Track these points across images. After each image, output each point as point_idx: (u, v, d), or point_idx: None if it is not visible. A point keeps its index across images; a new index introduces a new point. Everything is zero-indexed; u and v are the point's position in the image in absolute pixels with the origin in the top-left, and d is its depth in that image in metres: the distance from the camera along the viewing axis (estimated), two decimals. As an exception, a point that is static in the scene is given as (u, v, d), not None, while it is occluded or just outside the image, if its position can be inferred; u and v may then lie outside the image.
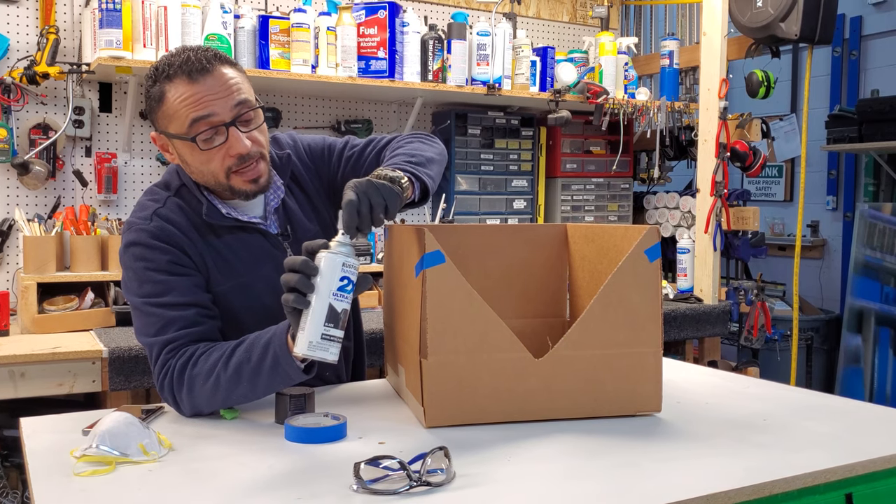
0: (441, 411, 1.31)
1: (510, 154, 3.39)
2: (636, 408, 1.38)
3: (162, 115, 1.42)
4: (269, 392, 1.36)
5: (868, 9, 4.59)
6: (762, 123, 3.31)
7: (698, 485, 1.06)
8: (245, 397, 1.36)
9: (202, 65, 1.39)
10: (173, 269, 1.43)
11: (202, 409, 1.39)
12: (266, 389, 1.35)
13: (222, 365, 1.34)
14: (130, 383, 2.12)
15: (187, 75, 1.38)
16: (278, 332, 1.30)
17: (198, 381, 1.35)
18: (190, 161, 1.44)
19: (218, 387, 1.34)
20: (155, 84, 1.41)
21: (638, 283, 1.36)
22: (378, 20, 2.82)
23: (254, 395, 1.36)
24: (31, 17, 2.67)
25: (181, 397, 1.38)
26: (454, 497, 1.02)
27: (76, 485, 1.06)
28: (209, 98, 1.38)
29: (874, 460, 1.18)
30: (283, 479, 1.08)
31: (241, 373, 1.32)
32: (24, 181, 2.63)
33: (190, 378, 1.36)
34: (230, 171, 1.43)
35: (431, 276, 1.28)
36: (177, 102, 1.39)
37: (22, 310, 2.36)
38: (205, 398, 1.36)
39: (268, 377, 1.31)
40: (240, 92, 1.41)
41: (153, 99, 1.43)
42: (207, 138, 1.39)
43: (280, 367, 1.29)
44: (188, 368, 1.36)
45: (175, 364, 1.37)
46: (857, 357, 4.22)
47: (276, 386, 1.34)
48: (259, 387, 1.34)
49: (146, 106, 1.47)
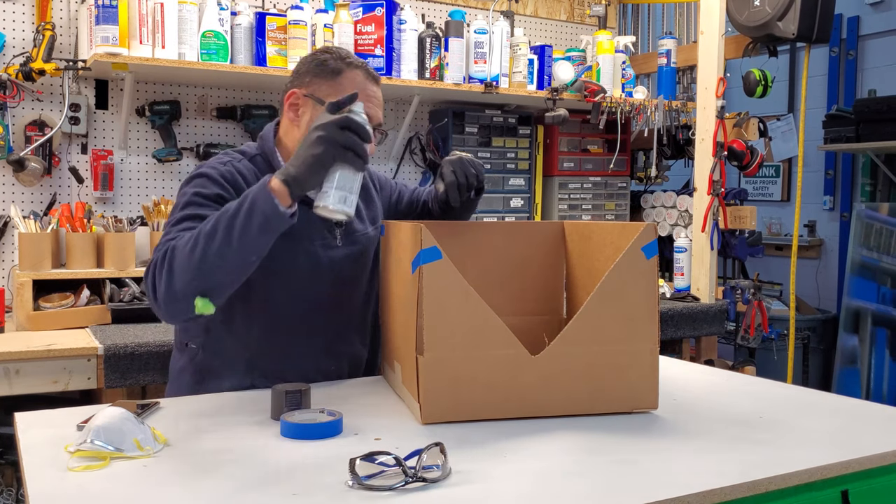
0: (437, 408, 1.30)
1: (507, 152, 3.39)
2: (633, 405, 1.38)
3: (328, 85, 1.59)
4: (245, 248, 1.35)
5: (865, 9, 4.59)
6: (759, 123, 3.31)
7: (695, 481, 1.06)
8: (221, 255, 1.35)
9: (375, 77, 1.65)
10: (220, 202, 1.51)
11: (177, 283, 1.37)
12: (241, 240, 1.34)
13: (202, 226, 1.39)
14: (126, 381, 2.12)
15: (366, 73, 1.62)
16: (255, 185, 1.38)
17: (178, 250, 1.39)
18: None
19: (196, 246, 1.36)
20: (335, 60, 1.61)
21: (635, 279, 1.35)
22: (375, 17, 2.82)
23: (228, 250, 1.35)
24: (27, 13, 2.66)
25: (160, 276, 1.39)
26: (450, 493, 1.02)
27: (70, 480, 1.06)
28: (374, 101, 1.62)
29: (870, 457, 1.18)
30: (279, 475, 1.08)
31: (219, 223, 1.36)
32: (19, 178, 2.62)
33: (172, 250, 1.40)
34: None
35: (428, 272, 1.28)
36: (352, 85, 1.58)
37: (17, 307, 2.36)
38: (181, 265, 1.36)
39: (244, 220, 1.34)
40: (381, 112, 1.66)
41: (327, 69, 1.60)
42: None
43: (258, 207, 1.34)
44: (174, 243, 1.41)
45: (164, 248, 1.42)
46: (853, 357, 4.22)
47: (252, 236, 1.34)
48: (234, 236, 1.34)
49: (306, 68, 1.63)
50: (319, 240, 1.63)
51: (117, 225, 2.52)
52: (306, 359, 1.63)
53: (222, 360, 1.62)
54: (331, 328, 1.66)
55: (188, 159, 2.92)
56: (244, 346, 1.61)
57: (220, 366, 1.62)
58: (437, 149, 3.30)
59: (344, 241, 1.67)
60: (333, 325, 1.67)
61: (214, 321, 1.58)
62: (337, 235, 1.66)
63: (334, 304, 1.67)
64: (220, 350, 1.62)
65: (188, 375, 1.65)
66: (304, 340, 1.63)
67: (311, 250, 1.62)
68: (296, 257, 1.59)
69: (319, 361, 1.64)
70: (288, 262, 1.57)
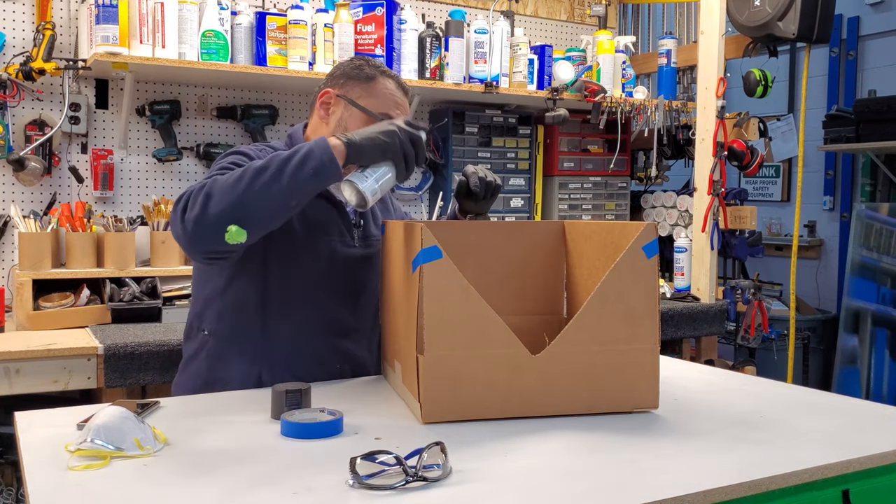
0: (437, 407, 1.30)
1: (507, 152, 3.39)
2: (633, 404, 1.38)
3: (362, 88, 1.67)
4: (293, 186, 1.38)
5: (865, 9, 4.59)
6: (759, 123, 3.31)
7: (695, 481, 1.05)
8: (266, 188, 1.37)
9: (406, 88, 1.74)
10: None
11: (213, 208, 1.37)
12: (292, 178, 1.37)
13: (251, 163, 1.42)
14: (126, 380, 2.12)
15: (397, 84, 1.71)
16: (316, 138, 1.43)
17: (220, 181, 1.40)
18: (351, 129, 1.62)
19: (242, 177, 1.38)
20: (370, 68, 1.70)
21: (635, 279, 1.35)
22: (375, 17, 2.81)
23: (276, 183, 1.37)
24: (27, 12, 2.66)
25: (195, 200, 1.39)
26: (451, 492, 1.02)
27: (70, 479, 1.05)
28: (403, 110, 1.70)
29: (871, 457, 1.18)
30: (279, 474, 1.08)
31: (272, 161, 1.39)
32: (19, 177, 2.62)
33: (213, 181, 1.41)
34: None
35: (428, 271, 1.28)
36: (385, 92, 1.68)
37: (17, 306, 2.35)
38: (223, 191, 1.38)
39: (299, 162, 1.37)
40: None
41: (363, 74, 1.68)
42: None
43: (315, 154, 1.38)
44: (216, 176, 1.42)
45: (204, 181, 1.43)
46: (853, 358, 4.22)
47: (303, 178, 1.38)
48: (286, 173, 1.37)
49: (341, 70, 1.71)
50: (338, 236, 1.68)
51: (117, 224, 2.52)
52: (313, 355, 1.64)
53: (232, 348, 1.64)
54: (340, 327, 1.68)
55: (188, 159, 2.92)
56: (255, 334, 1.63)
57: (230, 354, 1.63)
58: (437, 149, 3.29)
59: (360, 242, 1.71)
60: (343, 323, 1.69)
61: (227, 308, 1.62)
62: (354, 236, 1.69)
63: (346, 303, 1.69)
64: (232, 337, 1.64)
65: (199, 363, 1.67)
66: (313, 335, 1.64)
67: (331, 245, 1.66)
68: (316, 248, 1.63)
69: (325, 358, 1.66)
70: (308, 251, 1.62)
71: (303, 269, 1.63)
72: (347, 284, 1.69)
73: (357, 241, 1.70)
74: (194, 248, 1.45)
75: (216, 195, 1.38)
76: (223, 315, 1.65)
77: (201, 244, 1.43)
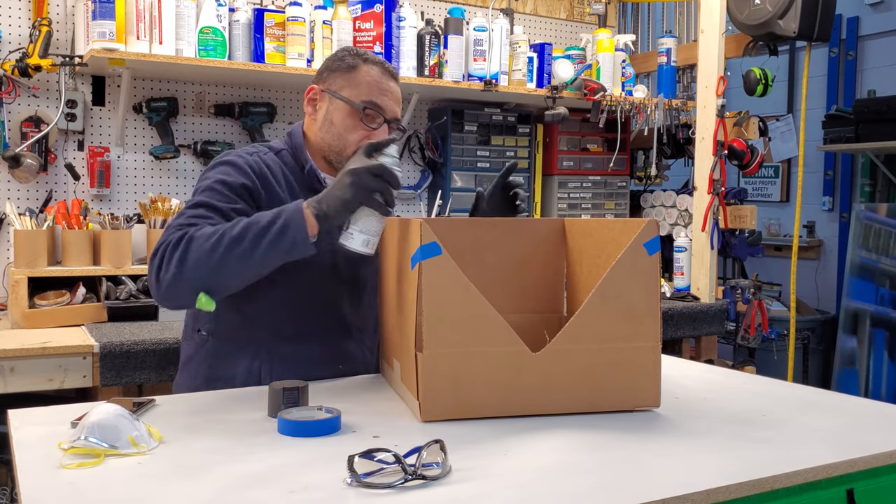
0: (437, 405, 1.29)
1: (507, 151, 3.37)
2: (634, 403, 1.37)
3: (343, 79, 1.64)
4: (265, 261, 1.40)
5: (865, 9, 4.59)
6: (760, 122, 3.30)
7: (698, 480, 1.04)
8: (240, 261, 1.38)
9: (393, 73, 1.69)
10: (243, 194, 1.56)
11: (187, 274, 1.40)
12: (265, 254, 1.38)
13: (230, 226, 1.42)
14: (122, 379, 2.10)
15: (382, 70, 1.66)
16: (296, 203, 1.41)
17: (197, 240, 1.40)
18: (337, 122, 1.64)
19: (219, 244, 1.38)
20: (352, 56, 1.66)
21: (637, 276, 1.34)
22: (374, 14, 2.80)
23: (250, 258, 1.38)
24: (23, 8, 2.64)
25: (170, 259, 1.41)
26: (450, 491, 1.00)
27: (64, 477, 1.04)
28: (389, 96, 1.66)
29: (876, 456, 1.17)
30: (276, 473, 1.06)
31: (248, 230, 1.39)
32: (15, 174, 2.60)
33: (189, 238, 1.41)
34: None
35: (428, 268, 1.26)
36: (367, 79, 1.64)
37: (12, 304, 2.34)
38: (198, 258, 1.39)
39: (274, 237, 1.37)
40: (399, 109, 1.70)
41: (344, 64, 1.65)
42: (369, 118, 1.64)
43: (290, 230, 1.37)
44: (192, 232, 1.42)
45: (180, 232, 1.43)
46: (852, 359, 4.21)
47: (277, 254, 1.39)
48: (260, 248, 1.37)
49: (325, 65, 1.69)
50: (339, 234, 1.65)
51: (114, 222, 2.50)
52: (314, 355, 1.63)
53: (231, 345, 1.63)
54: (343, 326, 1.67)
55: (185, 157, 2.90)
56: (254, 330, 1.62)
57: (229, 351, 1.62)
58: (436, 147, 3.28)
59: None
60: (346, 322, 1.68)
61: (224, 308, 1.59)
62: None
63: (348, 301, 1.68)
64: (230, 336, 1.63)
65: (198, 362, 1.66)
66: (314, 335, 1.63)
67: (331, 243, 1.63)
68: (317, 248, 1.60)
69: (326, 360, 1.64)
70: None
71: (302, 269, 1.59)
72: (348, 283, 1.68)
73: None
74: (165, 305, 1.53)
75: (190, 261, 1.40)
76: (220, 314, 1.62)
77: (172, 304, 1.50)
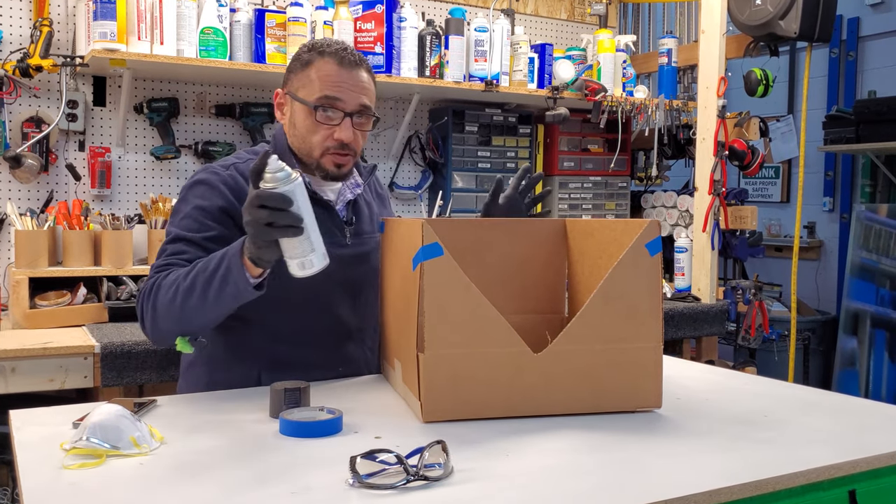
0: (438, 406, 1.29)
1: (507, 151, 3.37)
2: (636, 403, 1.37)
3: (298, 79, 1.59)
4: (219, 308, 1.39)
5: (865, 10, 4.59)
6: (760, 122, 3.30)
7: (700, 481, 1.04)
8: (198, 311, 1.39)
9: (352, 59, 1.58)
10: (221, 219, 1.54)
11: (161, 323, 1.44)
12: (216, 302, 1.37)
13: (184, 274, 1.42)
14: (123, 379, 2.10)
15: (338, 60, 1.57)
16: (235, 245, 1.35)
17: (162, 289, 1.42)
18: (299, 125, 1.59)
19: (176, 295, 1.40)
20: (308, 52, 1.60)
21: (638, 277, 1.34)
22: (375, 15, 2.80)
23: (204, 307, 1.38)
24: (24, 8, 2.64)
25: (147, 311, 1.45)
26: (452, 492, 1.00)
27: (65, 478, 1.04)
28: (345, 87, 1.56)
29: (878, 457, 1.16)
30: (278, 473, 1.06)
31: (197, 281, 1.38)
32: (16, 175, 2.60)
33: (157, 287, 1.43)
34: (326, 150, 1.58)
35: (429, 268, 1.26)
36: (318, 75, 1.56)
37: (13, 305, 2.34)
38: (163, 310, 1.42)
39: (218, 286, 1.35)
40: (367, 96, 1.60)
41: (299, 62, 1.60)
42: (326, 115, 1.56)
43: (231, 277, 1.34)
44: (160, 279, 1.44)
45: (153, 280, 1.46)
46: (852, 359, 4.21)
47: (226, 300, 1.37)
48: (209, 298, 1.37)
49: (289, 65, 1.63)
50: (327, 238, 1.59)
51: (115, 222, 2.50)
52: (314, 359, 1.62)
53: (231, 352, 1.62)
54: (341, 328, 1.66)
55: (186, 157, 2.90)
56: (252, 337, 1.61)
57: (229, 357, 1.62)
58: (437, 148, 3.28)
59: (353, 239, 1.68)
60: (344, 324, 1.67)
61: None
62: (346, 234, 1.66)
63: (344, 303, 1.66)
64: (229, 342, 1.62)
65: (199, 369, 1.66)
66: (312, 339, 1.62)
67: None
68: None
69: (326, 363, 1.63)
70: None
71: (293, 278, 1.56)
72: (343, 285, 1.65)
73: (349, 239, 1.66)
74: (157, 346, 1.58)
75: (160, 311, 1.43)
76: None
77: (161, 346, 1.58)
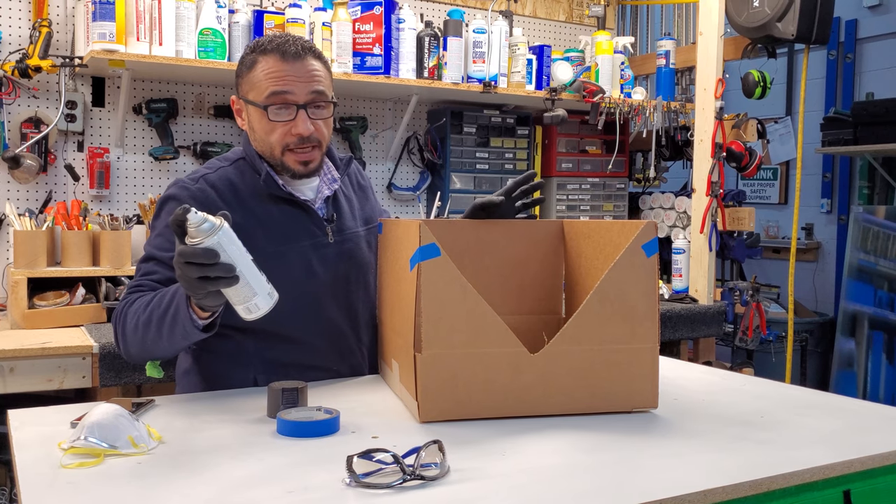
0: (435, 406, 1.29)
1: (505, 153, 3.38)
2: (632, 404, 1.37)
3: (246, 82, 1.56)
4: (173, 344, 1.42)
5: (863, 12, 4.60)
6: (758, 124, 3.31)
7: (695, 481, 1.04)
8: (156, 344, 1.42)
9: (296, 50, 1.53)
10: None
11: (130, 348, 1.48)
12: (170, 340, 1.40)
13: (144, 305, 1.43)
14: (121, 379, 2.10)
15: (280, 54, 1.52)
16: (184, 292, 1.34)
17: (129, 316, 1.45)
18: (257, 128, 1.57)
19: (137, 326, 1.42)
20: (251, 53, 1.56)
21: (635, 278, 1.34)
22: (374, 16, 2.81)
23: (160, 342, 1.41)
24: (23, 9, 2.64)
25: (118, 331, 1.49)
26: (448, 491, 1.01)
27: (63, 477, 1.04)
28: (292, 79, 1.52)
29: (872, 457, 1.17)
30: (275, 473, 1.06)
31: (152, 317, 1.40)
32: (14, 175, 2.61)
33: (125, 314, 1.46)
34: (286, 148, 1.55)
35: (426, 269, 1.26)
36: (263, 74, 1.52)
37: (12, 305, 2.34)
38: (129, 337, 1.45)
39: (169, 326, 1.37)
40: (319, 83, 1.55)
41: (244, 65, 1.57)
42: (278, 111, 1.53)
43: (179, 318, 1.35)
44: (128, 305, 1.46)
45: (123, 303, 1.48)
46: (850, 361, 4.22)
47: (178, 339, 1.39)
48: (164, 335, 1.39)
49: (237, 70, 1.60)
50: (308, 239, 1.61)
51: (113, 223, 2.50)
52: (308, 361, 1.61)
53: (225, 356, 1.61)
54: (333, 328, 1.65)
55: (185, 158, 2.90)
56: (245, 340, 1.60)
57: (223, 363, 1.61)
58: (435, 149, 3.28)
59: (335, 236, 1.65)
60: (335, 324, 1.66)
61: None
62: (328, 232, 1.64)
63: (332, 302, 1.65)
64: (223, 347, 1.61)
65: (194, 375, 1.65)
66: (305, 341, 1.62)
67: (302, 250, 1.60)
68: (287, 258, 1.58)
69: (319, 358, 1.63)
70: (280, 264, 1.55)
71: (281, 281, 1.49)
72: (331, 284, 1.64)
73: (332, 237, 1.64)
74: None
75: (128, 338, 1.46)
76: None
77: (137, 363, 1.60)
